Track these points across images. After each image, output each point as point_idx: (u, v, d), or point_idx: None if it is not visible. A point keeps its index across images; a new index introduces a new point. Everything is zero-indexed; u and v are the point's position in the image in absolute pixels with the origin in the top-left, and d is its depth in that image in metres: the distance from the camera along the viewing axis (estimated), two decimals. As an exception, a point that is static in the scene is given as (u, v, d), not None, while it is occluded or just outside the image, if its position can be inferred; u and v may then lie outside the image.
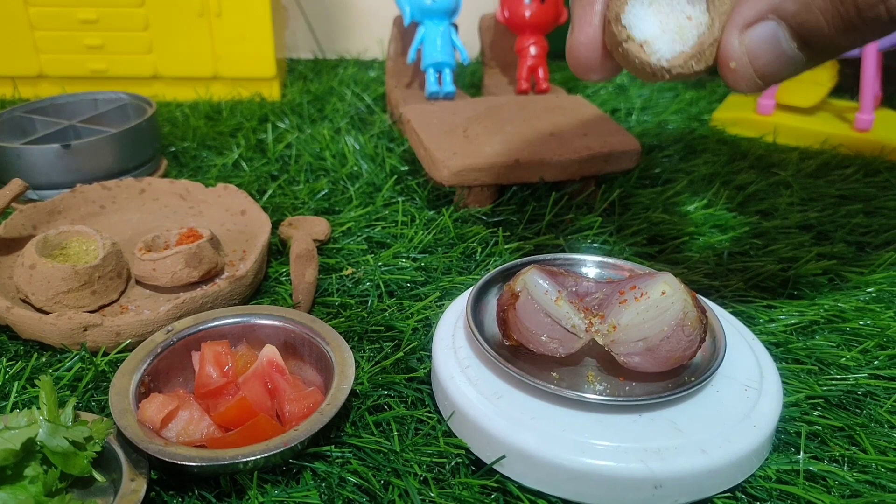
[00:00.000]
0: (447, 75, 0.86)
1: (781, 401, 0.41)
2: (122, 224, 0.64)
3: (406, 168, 0.77)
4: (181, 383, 0.45)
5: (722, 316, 0.47)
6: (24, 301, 0.52)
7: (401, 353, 0.49)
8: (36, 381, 0.39)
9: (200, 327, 0.46)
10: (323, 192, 0.72)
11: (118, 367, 0.43)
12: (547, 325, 0.41)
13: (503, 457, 0.38)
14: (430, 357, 0.47)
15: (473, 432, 0.40)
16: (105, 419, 0.39)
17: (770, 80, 0.35)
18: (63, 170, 0.68)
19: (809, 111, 0.91)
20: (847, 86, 0.91)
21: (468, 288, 0.49)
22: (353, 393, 0.45)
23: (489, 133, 0.70)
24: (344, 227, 0.65)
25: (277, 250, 0.63)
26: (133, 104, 0.80)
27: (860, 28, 0.32)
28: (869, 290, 0.57)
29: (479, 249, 0.61)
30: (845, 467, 0.41)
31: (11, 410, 0.43)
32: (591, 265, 0.50)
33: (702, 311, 0.40)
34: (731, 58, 0.35)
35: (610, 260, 0.50)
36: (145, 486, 0.36)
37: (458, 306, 0.48)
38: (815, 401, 0.46)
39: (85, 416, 0.40)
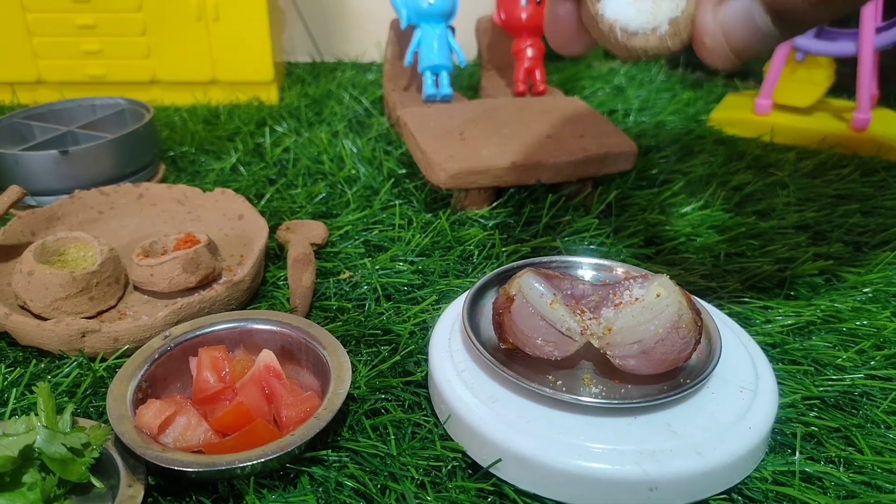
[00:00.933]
0: (444, 78, 0.86)
1: (777, 402, 0.41)
2: (120, 230, 0.64)
3: (403, 171, 0.77)
4: (179, 389, 0.45)
5: (717, 317, 0.47)
6: (22, 307, 0.52)
7: (398, 357, 0.49)
8: (34, 388, 0.39)
9: (198, 333, 0.47)
10: (320, 196, 0.72)
11: (116, 372, 0.44)
12: (542, 328, 0.41)
13: (499, 460, 0.38)
14: (426, 361, 0.47)
15: (470, 436, 0.40)
16: (103, 425, 0.39)
17: (744, 55, 0.35)
18: (61, 176, 0.68)
19: (806, 111, 0.91)
20: (844, 85, 0.92)
21: (465, 291, 0.49)
22: (350, 397, 0.45)
23: (486, 135, 0.70)
24: (341, 231, 0.65)
25: (275, 254, 0.63)
26: (131, 109, 0.80)
27: (834, 0, 0.32)
28: (865, 290, 0.57)
29: (477, 252, 0.62)
30: (841, 468, 0.41)
31: (10, 417, 0.44)
32: (587, 267, 0.50)
33: (697, 313, 0.40)
34: (705, 34, 0.34)
35: (606, 262, 0.50)
36: (143, 492, 0.36)
37: (455, 310, 0.48)
38: (812, 401, 0.46)
39: (83, 422, 0.40)
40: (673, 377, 0.41)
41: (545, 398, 0.39)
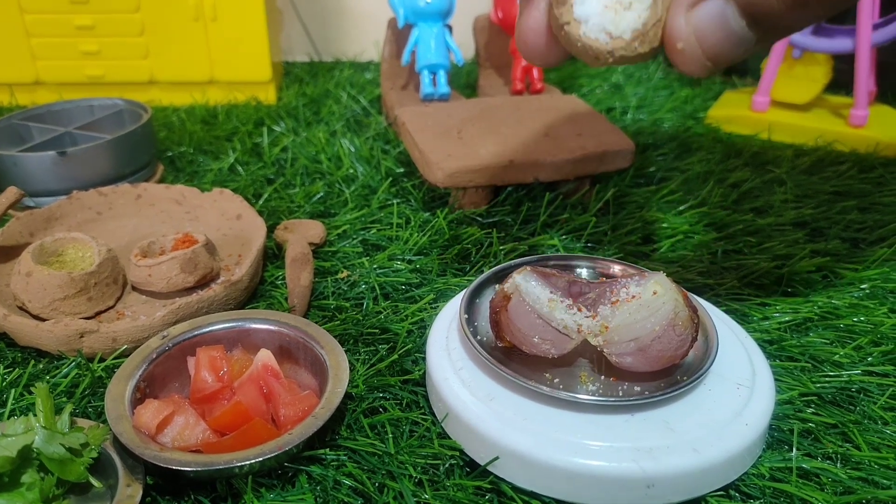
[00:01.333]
0: (442, 77, 0.87)
1: (774, 398, 0.41)
2: (118, 230, 0.64)
3: (401, 170, 0.77)
4: (177, 388, 0.45)
5: (714, 314, 0.47)
6: (20, 308, 0.52)
7: (395, 356, 0.49)
8: (33, 388, 0.39)
9: (196, 332, 0.47)
10: (318, 196, 0.72)
11: (114, 372, 0.44)
12: (539, 326, 0.41)
13: (497, 458, 0.38)
14: (424, 359, 0.47)
15: (467, 434, 0.40)
16: (101, 425, 0.39)
17: (720, 60, 0.33)
18: (59, 177, 0.68)
19: (804, 108, 0.91)
20: (842, 81, 0.92)
21: (463, 289, 0.49)
22: (348, 396, 0.45)
23: (483, 134, 0.70)
24: (339, 230, 0.65)
25: (273, 254, 0.63)
26: (129, 110, 0.80)
27: (810, 3, 0.31)
28: (863, 286, 0.57)
29: (474, 251, 0.62)
30: (838, 464, 0.41)
31: (9, 417, 0.44)
32: (584, 265, 0.50)
33: (693, 310, 0.40)
34: (678, 38, 0.33)
35: (603, 260, 0.50)
36: (141, 492, 0.36)
37: (452, 308, 0.48)
38: (809, 398, 0.46)
39: (81, 422, 0.40)
40: (670, 374, 0.41)
41: (542, 396, 0.39)
